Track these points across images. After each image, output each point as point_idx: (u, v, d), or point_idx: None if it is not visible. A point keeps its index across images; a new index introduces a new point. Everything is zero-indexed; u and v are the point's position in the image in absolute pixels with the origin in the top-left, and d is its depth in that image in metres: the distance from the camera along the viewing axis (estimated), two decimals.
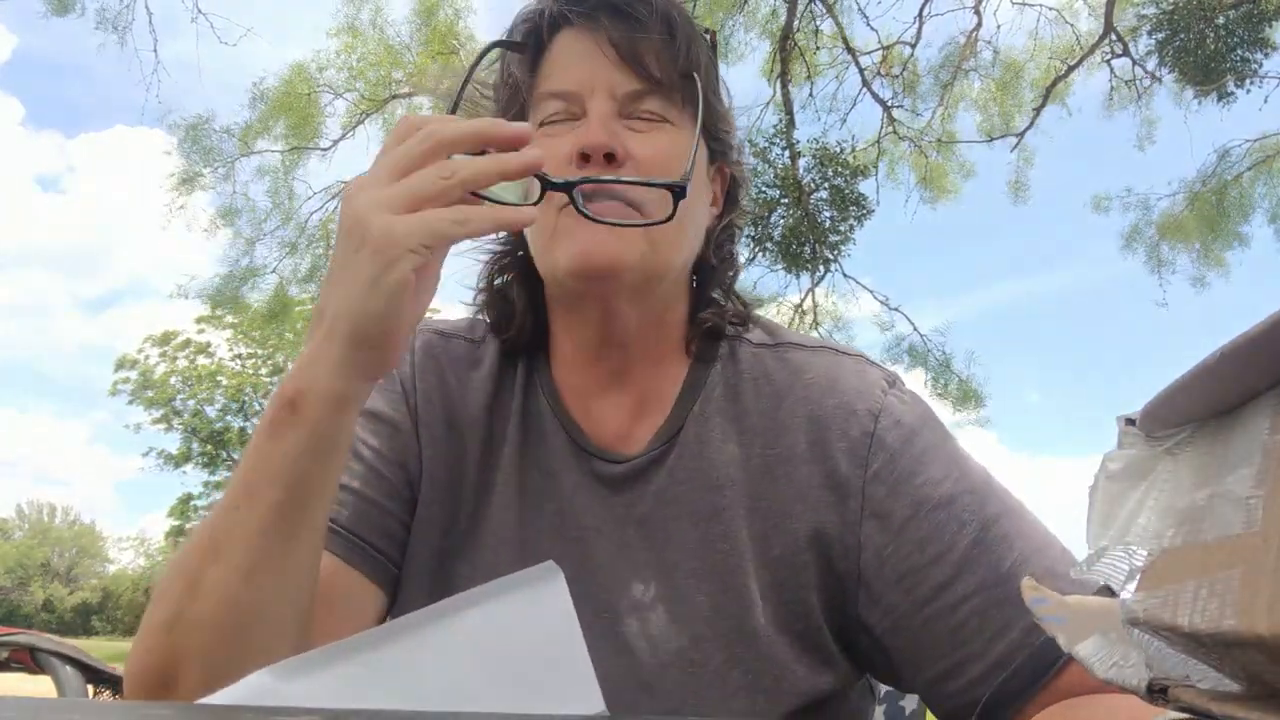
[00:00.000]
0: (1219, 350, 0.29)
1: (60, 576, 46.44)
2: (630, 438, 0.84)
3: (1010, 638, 0.71)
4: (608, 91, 0.79)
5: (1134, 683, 0.36)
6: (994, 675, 0.71)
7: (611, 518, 0.81)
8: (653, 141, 0.79)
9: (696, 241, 0.85)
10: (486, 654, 0.55)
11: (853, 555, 0.77)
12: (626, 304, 0.81)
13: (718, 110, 0.86)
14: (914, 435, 0.79)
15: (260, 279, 10.85)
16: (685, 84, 0.81)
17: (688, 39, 0.80)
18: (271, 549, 0.63)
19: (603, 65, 0.80)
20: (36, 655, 1.88)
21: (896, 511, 0.76)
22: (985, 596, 0.72)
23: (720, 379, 0.85)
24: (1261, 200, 10.41)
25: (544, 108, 0.82)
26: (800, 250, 9.20)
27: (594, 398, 0.85)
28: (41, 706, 0.42)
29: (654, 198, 0.76)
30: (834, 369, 0.83)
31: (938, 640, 0.73)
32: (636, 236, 0.76)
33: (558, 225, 0.78)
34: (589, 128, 0.77)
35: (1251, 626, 0.27)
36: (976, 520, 0.75)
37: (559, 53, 0.82)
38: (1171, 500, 0.34)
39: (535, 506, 0.83)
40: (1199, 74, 8.68)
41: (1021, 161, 10.46)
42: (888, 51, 9.67)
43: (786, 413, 0.81)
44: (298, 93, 10.09)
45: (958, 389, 10.37)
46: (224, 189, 10.49)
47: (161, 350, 23.40)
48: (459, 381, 0.87)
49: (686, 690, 0.75)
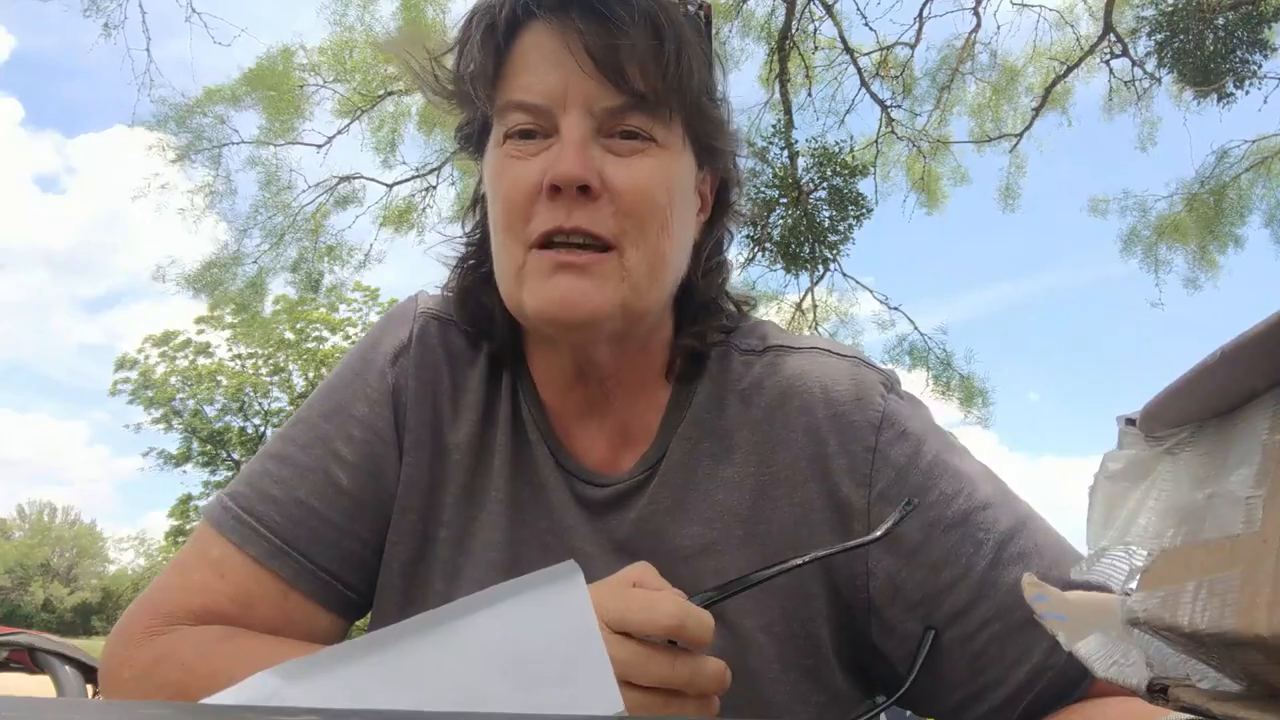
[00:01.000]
0: (1219, 350, 0.29)
1: (60, 576, 46.40)
2: (614, 461, 0.79)
3: (1033, 662, 0.68)
4: (583, 106, 0.69)
5: (1134, 682, 0.36)
6: (1018, 700, 0.68)
7: (595, 542, 0.76)
8: (634, 169, 0.70)
9: (682, 265, 0.76)
10: (503, 653, 0.54)
11: (861, 582, 0.72)
12: (605, 345, 0.75)
13: (711, 117, 0.76)
14: (920, 447, 0.73)
15: (242, 267, 10.78)
16: (674, 96, 0.71)
17: (677, 43, 0.70)
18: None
19: (576, 74, 0.69)
20: (36, 655, 1.88)
21: (907, 534, 0.70)
22: (1005, 622, 0.68)
23: (707, 396, 0.78)
24: (1260, 202, 10.42)
25: (508, 119, 0.72)
26: (799, 250, 9.20)
27: (574, 422, 0.80)
28: (41, 706, 0.42)
29: (634, 230, 0.69)
30: (828, 373, 0.76)
31: (956, 668, 0.70)
32: (614, 282, 0.69)
33: (525, 265, 0.70)
34: (562, 154, 0.68)
35: (1251, 626, 0.27)
36: (992, 539, 0.70)
37: (525, 53, 0.71)
38: (1171, 500, 0.34)
39: (526, 520, 0.77)
40: (1198, 75, 8.68)
41: (1014, 168, 10.47)
42: (887, 53, 9.67)
43: (780, 426, 0.75)
44: (277, 70, 10.01)
45: (960, 388, 10.37)
46: (209, 172, 10.42)
47: (161, 350, 23.39)
48: (453, 381, 0.80)
49: None
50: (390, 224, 10.69)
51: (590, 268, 0.69)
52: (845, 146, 9.19)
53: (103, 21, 9.20)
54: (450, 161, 9.85)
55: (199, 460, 23.81)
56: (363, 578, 0.78)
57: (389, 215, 10.66)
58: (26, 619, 41.03)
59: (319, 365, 22.74)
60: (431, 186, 10.71)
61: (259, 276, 10.85)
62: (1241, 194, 10.37)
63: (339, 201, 10.58)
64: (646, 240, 0.70)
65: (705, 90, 0.75)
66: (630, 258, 0.70)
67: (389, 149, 10.41)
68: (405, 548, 0.77)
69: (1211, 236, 10.46)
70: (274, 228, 10.54)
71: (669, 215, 0.72)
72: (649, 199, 0.70)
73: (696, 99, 0.73)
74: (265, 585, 0.74)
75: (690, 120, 0.74)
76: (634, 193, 0.69)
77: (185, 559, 0.77)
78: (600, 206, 0.69)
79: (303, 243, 10.59)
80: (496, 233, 0.73)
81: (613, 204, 0.69)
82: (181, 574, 0.76)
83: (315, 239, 10.58)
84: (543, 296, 0.69)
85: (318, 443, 0.78)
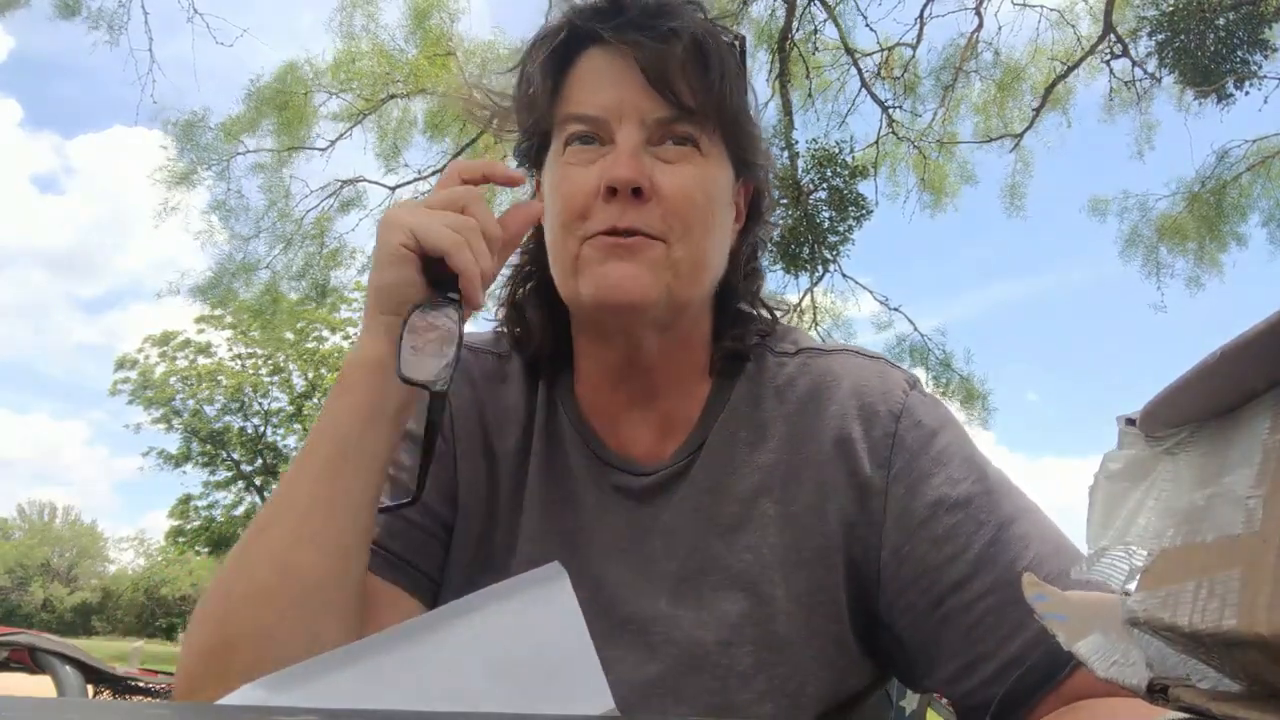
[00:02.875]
0: (1219, 350, 0.29)
1: (60, 576, 46.39)
2: (655, 454, 0.85)
3: (1024, 637, 0.71)
4: (637, 118, 0.78)
5: (1134, 682, 0.36)
6: (1008, 674, 0.71)
7: (636, 530, 0.82)
8: (681, 175, 0.78)
9: (721, 264, 0.84)
10: (493, 655, 0.55)
11: (873, 554, 0.78)
12: (651, 333, 0.81)
13: (748, 132, 0.84)
14: (934, 436, 0.80)
15: (253, 274, 10.85)
16: (716, 109, 0.79)
17: (720, 63, 0.78)
18: (315, 516, 0.69)
19: (631, 89, 0.78)
20: (36, 655, 1.88)
21: (915, 511, 0.77)
22: (1000, 595, 0.72)
23: (744, 391, 0.85)
24: (1259, 201, 10.43)
25: (567, 130, 0.80)
26: (799, 250, 9.21)
27: (619, 417, 0.86)
28: (41, 706, 0.42)
29: (680, 228, 0.77)
30: (857, 372, 0.84)
31: (953, 638, 0.74)
32: (661, 269, 0.76)
33: (580, 254, 0.78)
34: (617, 159, 0.76)
35: (1251, 626, 0.27)
36: (993, 521, 0.75)
37: (585, 72, 0.80)
38: (1171, 500, 0.34)
39: (559, 520, 0.84)
40: (1199, 76, 8.69)
41: (1020, 166, 10.47)
42: (889, 53, 9.67)
43: (811, 417, 0.82)
44: (291, 91, 10.09)
45: (960, 388, 10.38)
46: (218, 187, 10.51)
47: (161, 350, 23.38)
48: (490, 397, 0.88)
49: (713, 695, 0.76)
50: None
51: (640, 252, 0.76)
52: (846, 148, 9.19)
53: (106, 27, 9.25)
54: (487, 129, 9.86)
55: (199, 460, 23.83)
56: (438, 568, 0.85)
57: None
58: (26, 619, 41.05)
59: (319, 365, 22.78)
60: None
61: (273, 283, 10.93)
62: (1242, 192, 10.38)
63: (343, 206, 10.67)
64: (691, 237, 0.78)
65: (743, 107, 0.82)
66: (676, 250, 0.77)
67: (393, 154, 10.47)
68: (466, 550, 0.84)
69: (1211, 236, 10.46)
70: (282, 234, 10.61)
71: (710, 217, 0.80)
72: (693, 201, 0.78)
73: (735, 114, 0.81)
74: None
75: (729, 133, 0.81)
76: (680, 195, 0.77)
77: None
78: (650, 208, 0.76)
79: (309, 247, 10.65)
80: (554, 230, 0.81)
81: (660, 206, 0.77)
82: None
83: (321, 243, 10.65)
84: (596, 282, 0.77)
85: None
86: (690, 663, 0.77)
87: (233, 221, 10.56)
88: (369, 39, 10.17)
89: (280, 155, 10.36)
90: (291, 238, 10.58)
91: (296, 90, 10.11)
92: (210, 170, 10.37)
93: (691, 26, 0.78)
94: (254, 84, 10.16)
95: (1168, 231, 10.53)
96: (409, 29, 10.19)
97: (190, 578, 33.37)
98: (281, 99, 10.08)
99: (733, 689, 0.76)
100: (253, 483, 23.88)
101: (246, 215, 10.54)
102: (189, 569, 33.11)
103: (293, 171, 10.48)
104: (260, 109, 10.18)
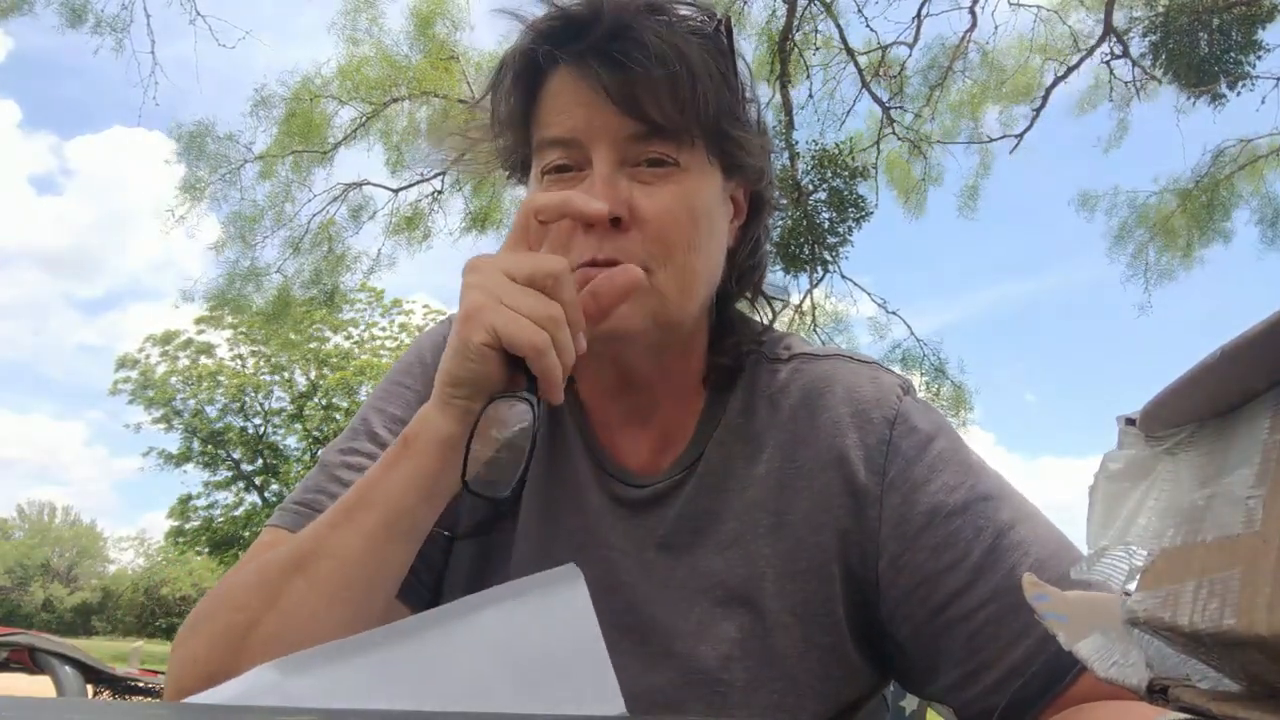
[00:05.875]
0: (1219, 350, 0.29)
1: (60, 576, 46.35)
2: (651, 467, 0.84)
3: (1026, 644, 0.71)
4: (609, 139, 0.75)
5: (1134, 682, 0.36)
6: (1010, 682, 0.71)
7: (633, 540, 0.82)
8: (661, 197, 0.75)
9: (715, 275, 0.82)
10: (504, 653, 0.55)
11: (871, 562, 0.77)
12: (643, 356, 0.80)
13: (733, 135, 0.79)
14: (929, 442, 0.79)
15: (264, 279, 10.91)
16: (691, 122, 0.75)
17: (690, 74, 0.74)
18: (358, 575, 0.68)
19: (600, 110, 0.75)
20: (36, 655, 1.88)
21: (911, 518, 0.76)
22: (1001, 603, 0.72)
23: (738, 401, 0.84)
24: (1249, 199, 10.44)
25: (545, 155, 0.78)
26: (799, 251, 9.20)
27: (617, 430, 0.85)
28: (41, 706, 0.42)
29: (662, 254, 0.75)
30: (850, 378, 0.83)
31: (954, 647, 0.73)
32: (645, 297, 0.74)
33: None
34: (591, 189, 0.74)
35: (1251, 626, 0.27)
36: (991, 527, 0.74)
37: (555, 93, 0.78)
38: (1171, 500, 0.34)
39: (560, 524, 0.83)
40: (1192, 76, 8.68)
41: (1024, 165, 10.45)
42: (886, 52, 9.67)
43: (804, 425, 0.81)
44: (305, 111, 10.18)
45: (951, 393, 10.41)
46: (230, 196, 10.58)
47: (162, 350, 23.36)
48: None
49: (712, 709, 0.76)
50: (398, 231, 10.80)
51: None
52: (846, 148, 9.18)
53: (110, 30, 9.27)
54: (455, 167, 9.92)
55: (199, 460, 23.80)
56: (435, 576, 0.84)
57: (397, 222, 10.77)
58: (26, 619, 41.03)
59: (319, 365, 22.77)
60: (437, 191, 10.77)
61: (285, 288, 10.96)
62: (1233, 192, 10.39)
63: (354, 214, 10.73)
64: (674, 261, 0.75)
65: (726, 111, 0.78)
66: (659, 276, 0.75)
67: (397, 159, 10.50)
68: (463, 556, 0.84)
69: (1202, 235, 10.47)
70: (290, 239, 10.66)
71: (696, 234, 0.77)
72: (676, 223, 0.75)
73: (715, 122, 0.77)
74: None
75: (711, 140, 0.78)
76: (661, 219, 0.75)
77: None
78: (631, 236, 0.74)
79: (319, 249, 10.70)
80: None
81: (641, 232, 0.75)
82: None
83: (329, 247, 10.70)
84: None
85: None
86: (688, 678, 0.77)
87: (246, 230, 10.62)
88: (372, 44, 10.22)
89: (297, 166, 10.46)
90: (297, 242, 10.63)
91: (309, 109, 10.19)
92: (219, 178, 10.44)
93: (656, 40, 0.74)
94: (259, 92, 10.24)
95: (1159, 228, 10.53)
96: (413, 35, 10.25)
97: (190, 578, 33.39)
98: (299, 124, 10.19)
99: (733, 703, 0.76)
100: (253, 483, 23.87)
101: (261, 223, 10.60)
102: (189, 569, 33.13)
103: (301, 179, 10.55)
104: (288, 136, 10.30)
